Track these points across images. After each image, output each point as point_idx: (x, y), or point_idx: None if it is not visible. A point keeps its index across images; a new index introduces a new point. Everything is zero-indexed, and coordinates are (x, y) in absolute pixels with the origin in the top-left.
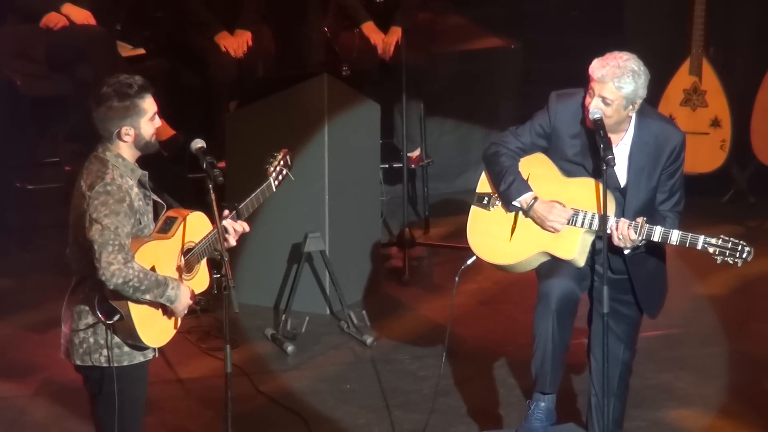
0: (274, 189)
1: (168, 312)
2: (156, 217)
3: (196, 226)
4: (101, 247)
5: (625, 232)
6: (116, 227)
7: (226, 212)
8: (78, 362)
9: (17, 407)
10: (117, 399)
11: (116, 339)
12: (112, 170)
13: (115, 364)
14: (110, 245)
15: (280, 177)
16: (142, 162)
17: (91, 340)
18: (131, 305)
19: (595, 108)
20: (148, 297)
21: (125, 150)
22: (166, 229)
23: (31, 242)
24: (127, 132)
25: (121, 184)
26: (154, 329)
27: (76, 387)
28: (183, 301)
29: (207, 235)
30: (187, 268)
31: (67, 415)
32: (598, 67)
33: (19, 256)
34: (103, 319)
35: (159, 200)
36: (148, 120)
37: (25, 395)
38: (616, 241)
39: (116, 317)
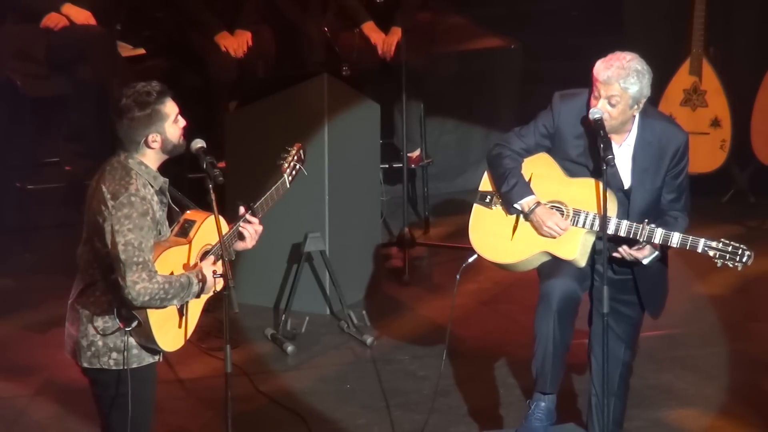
0: (288, 185)
1: (183, 315)
2: (171, 222)
3: (214, 228)
4: (125, 265)
5: (638, 255)
6: (140, 242)
7: (242, 210)
8: (85, 365)
9: (17, 407)
10: (120, 401)
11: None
12: (136, 179)
13: (125, 366)
14: (134, 264)
15: (294, 172)
16: None
17: (100, 343)
18: (149, 311)
19: (601, 109)
20: (175, 302)
21: (150, 157)
22: (183, 233)
23: (31, 242)
24: (155, 139)
25: (145, 195)
26: (170, 333)
27: (76, 387)
28: (210, 286)
29: (222, 238)
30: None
31: (67, 415)
32: (602, 69)
33: (19, 256)
34: (122, 326)
35: (174, 207)
36: (172, 123)
37: (25, 395)
38: (629, 258)
39: (134, 323)
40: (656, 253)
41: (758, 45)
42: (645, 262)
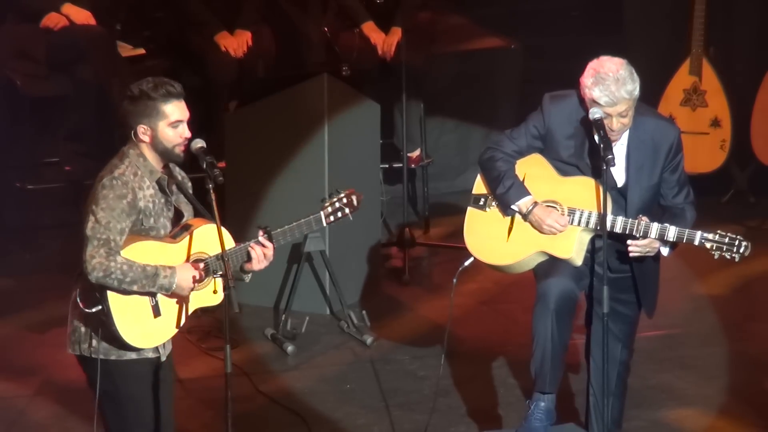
0: (324, 224)
1: (159, 314)
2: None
3: (211, 237)
4: (88, 240)
5: (648, 245)
6: (108, 222)
7: (261, 233)
8: (70, 350)
9: (17, 407)
10: (109, 394)
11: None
12: (127, 166)
13: (102, 356)
14: (96, 239)
15: (338, 215)
16: None
17: (82, 329)
18: (111, 301)
19: (618, 128)
20: (135, 288)
21: (147, 151)
22: (177, 234)
23: (31, 242)
24: (144, 132)
25: (128, 181)
26: (138, 328)
27: (76, 387)
28: (185, 285)
29: (227, 251)
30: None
31: (67, 415)
32: (603, 95)
33: (19, 256)
34: (82, 306)
35: (179, 209)
36: (167, 125)
37: (25, 395)
38: (646, 252)
39: (97, 308)
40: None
41: (758, 45)
42: (665, 253)
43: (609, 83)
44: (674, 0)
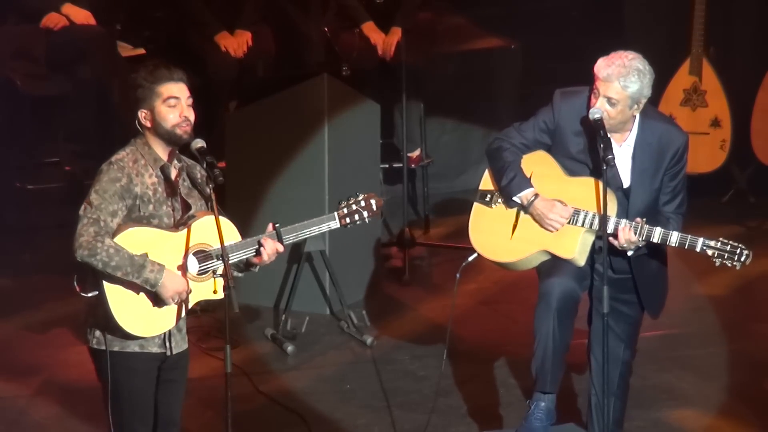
0: (339, 225)
1: (158, 304)
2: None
3: (213, 229)
4: (79, 219)
5: (628, 237)
6: (99, 203)
7: (270, 227)
8: (85, 341)
9: (17, 407)
10: (110, 386)
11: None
12: (127, 153)
13: (105, 348)
14: (86, 218)
15: (355, 217)
16: None
17: (91, 320)
18: (107, 285)
19: (600, 108)
20: (119, 274)
21: (152, 138)
22: (180, 225)
23: (31, 242)
24: (145, 117)
25: (124, 166)
26: (136, 314)
27: (76, 387)
28: (169, 287)
29: (233, 244)
30: (201, 269)
31: (67, 415)
32: (603, 67)
33: (19, 256)
34: (78, 290)
35: (187, 200)
36: (162, 103)
37: (25, 395)
38: (620, 246)
39: (93, 293)
40: (638, 246)
41: (758, 45)
42: (629, 253)
43: (616, 61)
44: (674, 0)
